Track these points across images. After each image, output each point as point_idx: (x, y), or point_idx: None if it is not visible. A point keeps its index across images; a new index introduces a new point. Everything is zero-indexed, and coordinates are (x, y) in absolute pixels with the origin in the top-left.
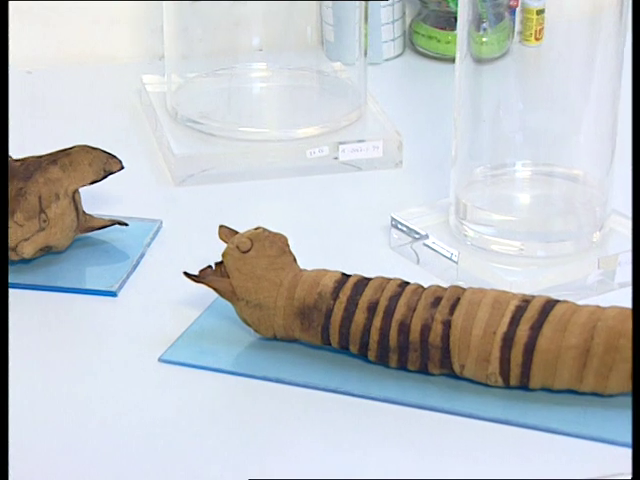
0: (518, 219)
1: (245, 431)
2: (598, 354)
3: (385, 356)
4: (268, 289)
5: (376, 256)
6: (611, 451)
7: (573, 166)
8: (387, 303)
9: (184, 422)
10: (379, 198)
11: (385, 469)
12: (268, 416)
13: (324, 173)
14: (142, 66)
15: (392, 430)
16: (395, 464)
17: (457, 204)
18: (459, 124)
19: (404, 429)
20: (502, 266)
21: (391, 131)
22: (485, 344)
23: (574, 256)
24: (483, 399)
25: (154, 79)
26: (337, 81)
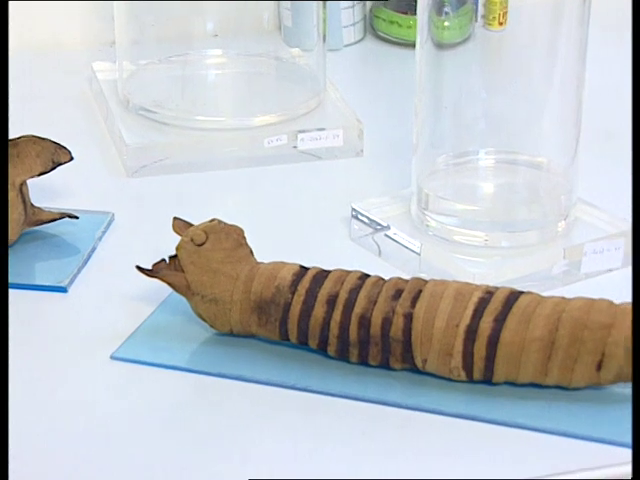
0: (481, 209)
1: (201, 430)
2: (563, 346)
3: (345, 351)
4: (224, 283)
5: (336, 248)
6: (576, 445)
7: (537, 154)
8: (347, 296)
9: (137, 422)
10: (339, 188)
11: (346, 467)
12: (224, 414)
13: (282, 163)
14: (92, 53)
15: (352, 427)
16: (356, 462)
17: (419, 194)
18: (420, 111)
19: (365, 426)
20: (465, 257)
21: (351, 119)
22: (448, 337)
23: (539, 246)
24: (446, 394)
25: (105, 66)
26: (295, 67)
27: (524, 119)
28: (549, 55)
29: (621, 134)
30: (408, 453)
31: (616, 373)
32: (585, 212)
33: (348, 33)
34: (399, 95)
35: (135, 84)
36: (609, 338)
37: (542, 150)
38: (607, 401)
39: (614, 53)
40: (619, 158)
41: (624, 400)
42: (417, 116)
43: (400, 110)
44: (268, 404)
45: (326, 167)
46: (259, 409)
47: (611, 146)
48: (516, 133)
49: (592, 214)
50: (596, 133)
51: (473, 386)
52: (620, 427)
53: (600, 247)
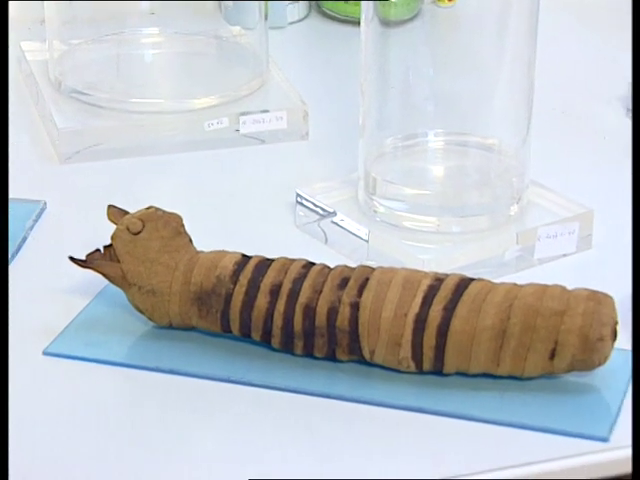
0: (431, 193)
1: (139, 427)
2: (515, 335)
3: (290, 343)
4: (162, 273)
5: (280, 235)
6: (530, 437)
7: (488, 135)
8: (291, 286)
9: (72, 419)
10: (283, 173)
11: (291, 463)
12: (164, 411)
13: (224, 147)
14: (21, 32)
15: (297, 422)
16: (301, 458)
17: (366, 178)
18: (366, 92)
19: (311, 420)
20: (415, 243)
21: (296, 100)
22: (396, 327)
23: (491, 231)
24: (395, 386)
25: (34, 46)
26: (236, 47)
27: (474, 99)
28: (499, 32)
29: (574, 113)
30: (355, 448)
31: (570, 362)
32: (538, 195)
33: (292, 10)
34: (346, 75)
35: (67, 65)
36: (562, 325)
37: (493, 131)
38: (561, 391)
39: (565, 30)
40: (572, 138)
41: (578, 390)
42: (363, 97)
43: (347, 91)
44: (209, 399)
45: (269, 151)
46: (200, 405)
47: (564, 126)
48: (466, 114)
49: (545, 197)
50: (548, 113)
51: (423, 377)
52: (575, 418)
53: (554, 231)
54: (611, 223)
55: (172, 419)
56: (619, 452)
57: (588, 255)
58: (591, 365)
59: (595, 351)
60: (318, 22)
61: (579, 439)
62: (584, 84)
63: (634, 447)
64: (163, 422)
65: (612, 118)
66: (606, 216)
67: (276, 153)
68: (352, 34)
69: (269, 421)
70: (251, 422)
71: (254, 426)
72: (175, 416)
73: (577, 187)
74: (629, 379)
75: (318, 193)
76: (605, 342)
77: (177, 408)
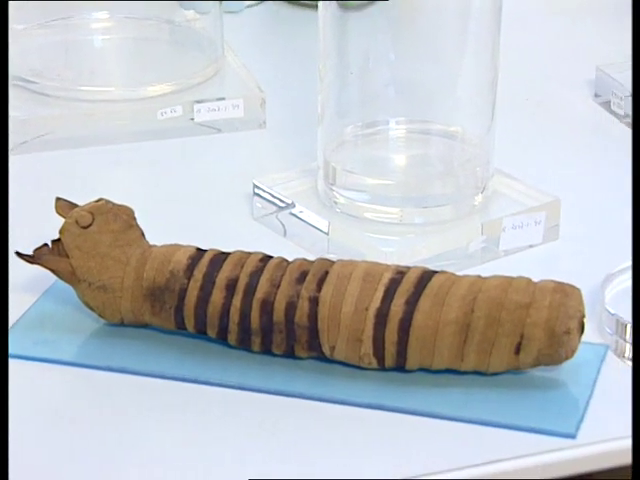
0: (393, 183)
1: (91, 429)
2: (479, 329)
3: (247, 339)
4: (113, 269)
5: (237, 228)
6: (495, 434)
7: (451, 122)
8: (248, 280)
9: (20, 421)
10: (240, 163)
11: (249, 464)
12: (115, 412)
13: (178, 136)
14: None
15: (256, 421)
16: (260, 458)
17: (326, 168)
18: (325, 78)
19: (270, 419)
20: (377, 235)
21: (253, 88)
22: (357, 322)
23: (455, 222)
24: (356, 383)
25: None
26: (190, 32)
27: (437, 86)
28: (462, 17)
29: (540, 99)
30: (316, 448)
31: (536, 356)
32: (503, 184)
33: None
34: (304, 61)
35: (12, 51)
36: (527, 319)
37: (456, 119)
38: (527, 386)
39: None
40: (538, 125)
41: (545, 385)
42: (322, 83)
43: (305, 77)
44: (163, 399)
45: (226, 140)
46: (153, 405)
47: (529, 113)
48: (428, 101)
49: (511, 186)
50: (513, 99)
51: (385, 374)
52: (541, 414)
53: (519, 221)
54: (579, 213)
55: (124, 421)
56: (586, 449)
57: (555, 246)
58: (558, 359)
59: (562, 345)
60: (275, 6)
61: (545, 436)
62: (550, 69)
63: (634, 446)
64: (115, 424)
65: (579, 104)
66: (574, 205)
67: (232, 142)
68: (310, 18)
69: (226, 421)
70: (207, 422)
71: (210, 426)
72: (127, 418)
73: (543, 175)
74: (597, 373)
75: (276, 184)
76: (572, 335)
77: (129, 409)
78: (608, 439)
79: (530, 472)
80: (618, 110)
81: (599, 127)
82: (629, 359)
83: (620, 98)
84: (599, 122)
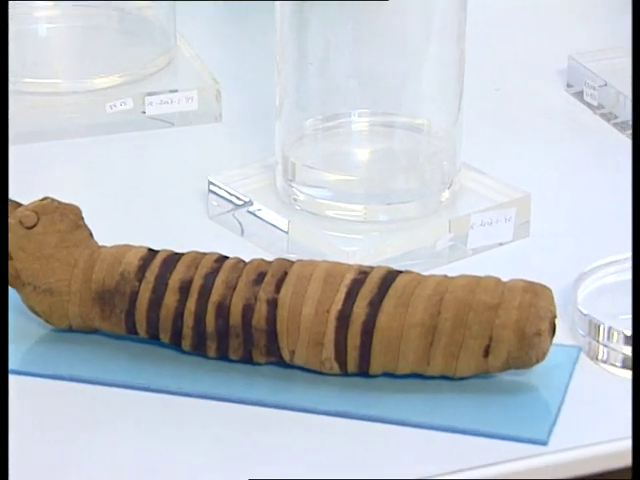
0: (356, 179)
1: (36, 439)
2: (446, 331)
3: (202, 344)
4: (60, 271)
5: (191, 227)
6: (463, 441)
7: (416, 115)
8: (202, 282)
9: None
10: (194, 158)
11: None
12: (63, 422)
13: (128, 130)
14: None
15: (213, 431)
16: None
17: (285, 163)
18: (283, 69)
19: (227, 429)
20: (339, 234)
21: (207, 79)
22: (317, 325)
23: (421, 219)
24: (317, 389)
25: None
26: (141, 20)
27: (401, 76)
28: (427, 4)
29: (509, 90)
30: (275, 457)
31: (505, 359)
32: (471, 179)
33: None
34: (261, 51)
35: None
36: (496, 320)
37: (422, 111)
38: (496, 391)
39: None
40: (508, 117)
41: (515, 389)
42: (280, 74)
43: (263, 68)
44: (114, 408)
45: (179, 134)
46: (104, 414)
47: (498, 104)
48: (392, 92)
49: (479, 181)
50: (481, 90)
51: (348, 379)
52: (511, 420)
53: (488, 218)
54: (550, 208)
55: (72, 431)
56: (558, 456)
57: (525, 244)
58: (528, 362)
59: (532, 347)
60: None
61: (516, 443)
62: (520, 58)
63: (634, 446)
64: (62, 434)
65: (551, 94)
66: (545, 201)
67: (186, 137)
68: (268, 6)
69: (180, 431)
70: (161, 432)
71: (164, 437)
72: (76, 428)
73: (513, 170)
74: (569, 376)
75: (232, 180)
76: (543, 337)
77: (78, 419)
78: (581, 445)
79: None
80: (591, 101)
81: (572, 119)
82: (603, 361)
83: (593, 88)
84: (572, 113)
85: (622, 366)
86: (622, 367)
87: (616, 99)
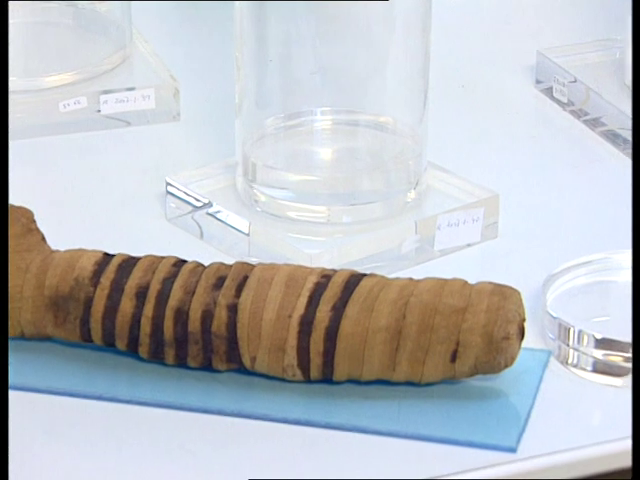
0: (319, 179)
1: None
2: (411, 335)
3: (160, 351)
4: (11, 276)
5: (149, 230)
6: (430, 449)
7: (380, 112)
8: (160, 287)
9: None
10: (152, 159)
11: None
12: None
13: (83, 130)
14: None
15: (172, 441)
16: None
17: (245, 163)
18: (242, 66)
19: (186, 438)
20: (302, 236)
21: (164, 76)
22: (279, 330)
23: (386, 220)
24: (280, 397)
25: None
26: (95, 16)
27: (364, 73)
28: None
29: (476, 87)
30: (237, 468)
31: (473, 364)
32: (437, 179)
33: None
34: (220, 47)
35: None
36: (463, 324)
37: (386, 108)
38: (464, 397)
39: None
40: (475, 115)
41: (483, 395)
42: (239, 71)
43: (222, 65)
44: (68, 418)
45: (136, 134)
46: (58, 425)
47: (465, 101)
48: (356, 89)
49: (446, 181)
50: (447, 87)
51: (311, 386)
52: (479, 427)
53: (456, 219)
54: (519, 208)
55: (24, 442)
56: (527, 463)
57: (494, 245)
58: (496, 367)
59: (500, 351)
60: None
61: (484, 450)
62: (488, 54)
63: (634, 446)
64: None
65: (519, 91)
66: (513, 201)
67: (143, 137)
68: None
69: (138, 441)
70: (117, 443)
71: (120, 447)
72: (28, 439)
73: (481, 169)
74: (539, 381)
75: (191, 181)
76: (511, 341)
77: (30, 430)
78: (551, 452)
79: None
80: (561, 97)
81: (541, 116)
82: (573, 365)
83: (563, 84)
84: (541, 110)
85: (593, 370)
86: (593, 371)
87: (586, 95)
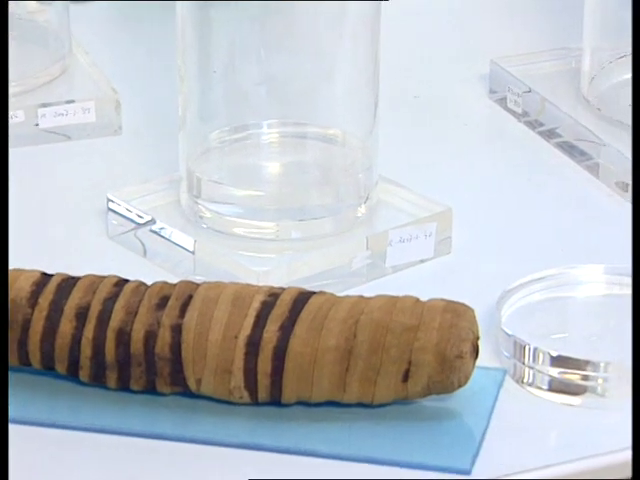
0: (266, 194)
1: None
2: (362, 355)
3: (101, 375)
4: None
5: (89, 248)
6: (383, 472)
7: (329, 125)
8: (101, 307)
9: None
10: (93, 174)
11: None
12: None
13: (21, 145)
14: None
15: (115, 467)
16: None
17: (190, 178)
18: (185, 77)
19: (130, 465)
20: (249, 253)
21: (105, 88)
22: (225, 351)
23: (336, 236)
24: (227, 421)
25: None
26: (32, 25)
27: (312, 83)
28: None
29: (428, 97)
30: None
31: (425, 384)
32: (389, 193)
33: None
34: (163, 57)
35: None
36: (415, 343)
37: (335, 120)
38: (417, 418)
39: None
40: (427, 126)
41: (437, 416)
42: (182, 83)
43: (165, 76)
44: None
45: (76, 148)
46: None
47: (416, 112)
48: (304, 101)
49: (397, 195)
50: (398, 97)
51: (259, 409)
52: (433, 448)
53: (408, 234)
54: (473, 223)
55: None
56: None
57: (447, 260)
58: (450, 387)
59: (454, 370)
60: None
61: (438, 472)
62: (440, 64)
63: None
64: None
65: (473, 101)
66: (467, 215)
67: (83, 151)
68: (169, 8)
69: (79, 468)
70: (57, 470)
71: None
72: None
73: (433, 182)
74: (494, 401)
75: (134, 197)
76: (465, 360)
77: None
78: (506, 474)
79: None
80: (515, 108)
81: (495, 127)
82: (528, 384)
83: (517, 95)
84: (495, 121)
85: (549, 389)
86: (548, 390)
87: (541, 106)
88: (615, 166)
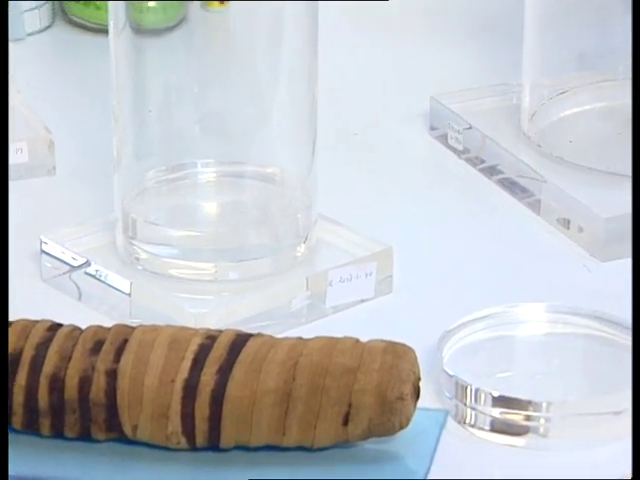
0: (203, 234)
1: None
2: (302, 398)
3: (34, 421)
4: None
5: (22, 292)
6: None
7: (267, 163)
8: (34, 353)
9: None
10: (25, 216)
11: None
12: None
13: None
14: None
15: None
16: None
17: (125, 219)
18: (120, 116)
19: None
20: (186, 295)
21: (39, 128)
22: (162, 396)
23: (275, 276)
24: (164, 467)
25: None
26: None
27: (249, 122)
28: (274, 43)
29: (368, 134)
30: None
31: (366, 426)
32: (328, 232)
33: (31, 18)
34: (98, 97)
35: None
36: (355, 384)
37: (273, 159)
38: (358, 461)
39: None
40: (366, 164)
41: (378, 459)
42: (117, 122)
43: (100, 116)
44: None
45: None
46: None
47: (356, 150)
48: (240, 139)
49: (337, 234)
50: (337, 135)
51: (197, 454)
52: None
53: (348, 274)
54: (414, 262)
55: None
56: None
57: (388, 300)
58: (391, 429)
59: (394, 412)
60: (64, 32)
61: None
62: (379, 100)
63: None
64: None
65: (413, 138)
66: (408, 254)
67: (16, 192)
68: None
69: None
70: None
71: None
72: None
73: (373, 221)
74: (436, 442)
75: (68, 239)
76: (405, 401)
77: None
78: None
79: None
80: (456, 145)
81: (435, 164)
82: (471, 425)
83: (457, 131)
84: (435, 159)
85: (491, 429)
86: (491, 430)
87: (482, 142)
88: (556, 203)
